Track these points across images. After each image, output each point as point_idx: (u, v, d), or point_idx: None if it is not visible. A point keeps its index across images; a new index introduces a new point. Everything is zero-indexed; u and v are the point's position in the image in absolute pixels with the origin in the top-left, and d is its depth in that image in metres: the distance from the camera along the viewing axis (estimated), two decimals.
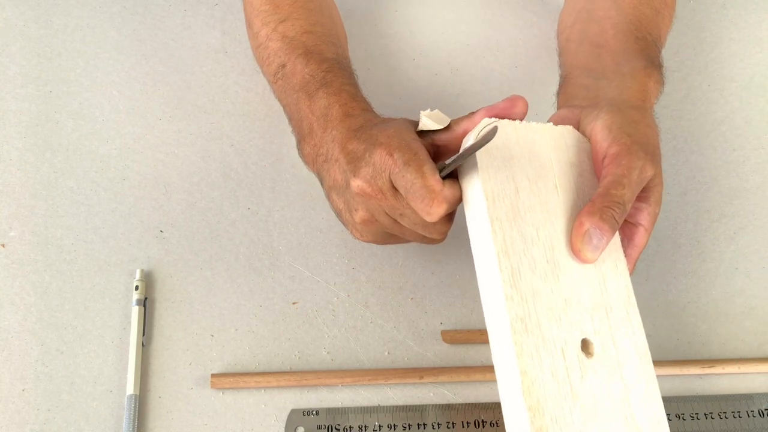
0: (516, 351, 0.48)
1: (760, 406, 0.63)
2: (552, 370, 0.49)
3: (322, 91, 0.63)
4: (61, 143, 0.75)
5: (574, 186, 0.55)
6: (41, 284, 0.66)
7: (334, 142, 0.59)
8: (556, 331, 0.50)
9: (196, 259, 0.69)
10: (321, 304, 0.67)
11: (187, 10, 0.86)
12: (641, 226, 0.57)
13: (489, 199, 0.52)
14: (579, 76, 0.67)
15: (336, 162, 0.58)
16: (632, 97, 0.62)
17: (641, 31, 0.69)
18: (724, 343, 0.68)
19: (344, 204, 0.60)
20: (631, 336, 0.53)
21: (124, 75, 0.80)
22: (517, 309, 0.49)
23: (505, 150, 0.54)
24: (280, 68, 0.68)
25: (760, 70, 0.86)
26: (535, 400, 0.47)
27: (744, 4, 0.92)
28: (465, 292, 0.68)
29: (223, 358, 0.64)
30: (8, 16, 0.84)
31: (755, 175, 0.78)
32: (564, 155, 0.56)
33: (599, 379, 0.50)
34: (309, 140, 0.63)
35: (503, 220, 0.52)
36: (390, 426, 0.61)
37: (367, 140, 0.56)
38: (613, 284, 0.54)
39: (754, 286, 0.71)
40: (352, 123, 0.60)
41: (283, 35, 0.69)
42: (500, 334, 0.50)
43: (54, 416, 0.60)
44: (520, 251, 0.51)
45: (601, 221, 0.52)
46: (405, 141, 0.54)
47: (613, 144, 0.55)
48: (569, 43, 0.73)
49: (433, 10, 0.89)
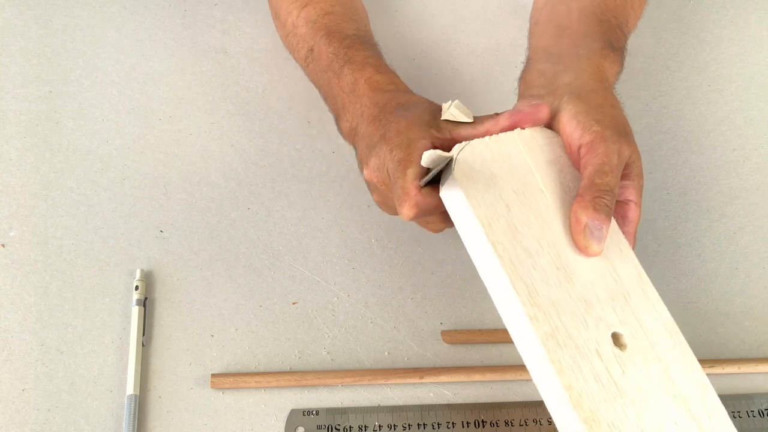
0: (556, 369, 0.48)
1: (760, 406, 0.63)
2: (594, 376, 0.48)
3: (346, 67, 0.66)
4: (61, 143, 0.75)
5: (558, 183, 0.55)
6: (41, 284, 0.66)
7: (363, 117, 0.62)
8: (585, 335, 0.50)
9: (196, 259, 0.69)
10: (321, 304, 0.67)
11: (187, 10, 0.86)
12: (631, 202, 0.57)
13: (485, 225, 0.52)
14: (538, 61, 0.67)
15: (363, 138, 0.61)
16: (588, 80, 0.62)
17: (606, 14, 0.69)
18: (724, 343, 0.68)
19: (366, 182, 0.62)
20: (653, 313, 0.52)
21: (124, 75, 0.80)
22: (543, 327, 0.49)
23: (485, 171, 0.54)
24: (309, 53, 0.71)
25: (760, 70, 0.86)
26: (587, 412, 0.47)
27: (744, 4, 0.92)
28: (465, 292, 0.68)
29: (223, 358, 0.64)
30: (8, 16, 0.84)
31: (755, 175, 0.78)
32: (540, 156, 0.56)
33: (638, 367, 0.50)
34: (344, 116, 0.66)
35: (504, 242, 0.51)
36: (390, 426, 0.61)
37: (383, 126, 0.59)
38: (623, 269, 0.53)
39: (754, 286, 0.71)
40: (380, 98, 0.62)
41: (306, 19, 0.72)
42: (534, 355, 0.49)
43: (54, 416, 0.60)
44: (529, 267, 0.51)
45: (595, 212, 0.52)
46: (409, 139, 0.56)
47: (585, 133, 0.55)
48: (537, 26, 0.73)
49: (433, 10, 0.89)
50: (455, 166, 0.53)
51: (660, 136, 0.80)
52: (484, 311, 0.67)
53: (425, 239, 0.71)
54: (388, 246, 0.71)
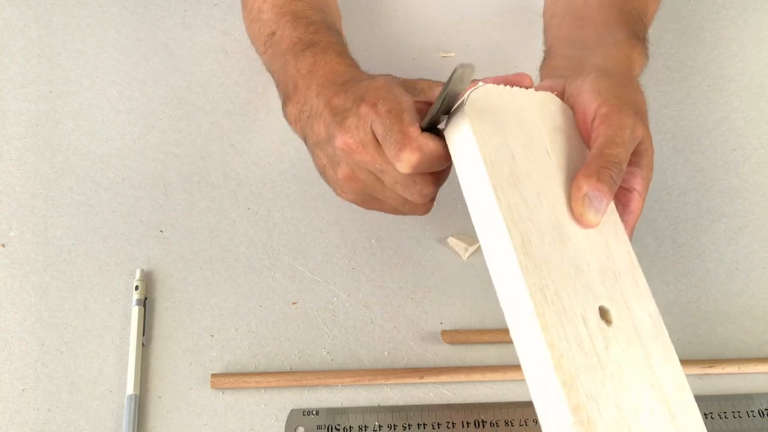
0: (540, 324, 0.45)
1: (760, 406, 0.63)
2: (578, 342, 0.46)
3: (308, 50, 0.63)
4: (61, 143, 0.75)
5: (564, 151, 0.53)
6: (41, 284, 0.66)
7: (319, 97, 0.58)
8: (573, 299, 0.47)
9: (196, 259, 0.69)
10: (321, 304, 0.67)
11: (187, 10, 0.86)
12: (635, 191, 0.55)
13: (488, 165, 0.49)
14: (561, 48, 0.66)
15: (320, 116, 0.57)
16: (617, 65, 0.61)
17: (626, 4, 0.68)
18: (724, 343, 0.68)
19: (327, 159, 0.58)
20: (641, 301, 0.51)
21: (124, 75, 0.80)
22: (534, 279, 0.46)
23: (495, 115, 0.52)
24: (269, 37, 0.69)
25: (760, 70, 0.86)
26: (567, 375, 0.45)
27: (744, 4, 0.92)
28: (465, 292, 0.68)
29: (223, 358, 0.64)
30: (8, 16, 0.84)
31: (755, 175, 0.78)
32: (550, 121, 0.54)
33: (621, 347, 0.48)
34: (293, 98, 0.62)
35: (505, 187, 0.49)
36: (390, 426, 0.61)
37: (354, 93, 0.55)
38: (616, 249, 0.52)
39: (754, 286, 0.71)
40: (338, 78, 0.59)
41: (273, 4, 0.70)
42: (520, 308, 0.47)
43: (54, 416, 0.60)
44: (526, 218, 0.49)
45: (599, 182, 0.50)
46: (392, 93, 0.53)
47: (603, 105, 0.54)
48: (553, 19, 0.71)
49: (433, 10, 0.89)
50: (467, 100, 0.50)
51: (660, 136, 0.80)
52: (484, 311, 0.67)
53: (425, 239, 0.71)
54: (388, 246, 0.71)
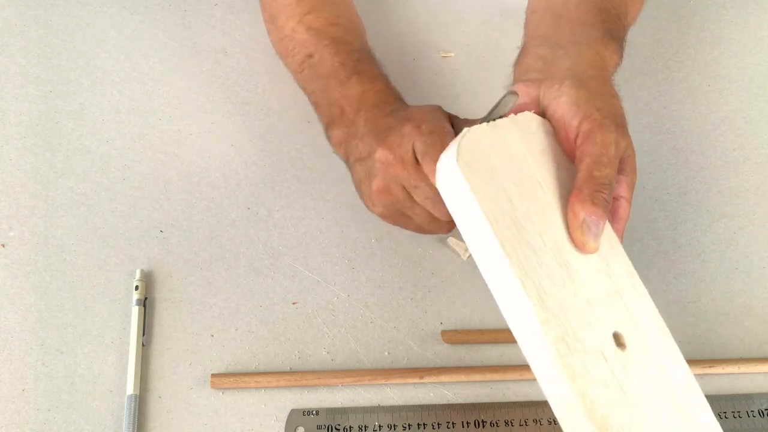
0: (568, 375, 0.46)
1: (760, 406, 0.63)
2: (602, 380, 0.47)
3: (355, 78, 0.67)
4: (61, 143, 0.75)
5: (554, 175, 0.53)
6: (41, 284, 0.66)
7: (367, 123, 0.63)
8: (591, 337, 0.48)
9: (196, 259, 0.69)
10: (321, 304, 0.67)
11: (187, 10, 0.86)
12: (622, 198, 0.55)
13: (492, 221, 0.49)
14: (535, 46, 0.66)
15: (364, 136, 0.62)
16: (589, 67, 0.61)
17: (605, 3, 0.68)
18: (724, 343, 0.68)
19: (365, 172, 0.62)
20: (643, 307, 0.51)
21: (124, 75, 0.80)
22: (555, 330, 0.47)
23: (485, 160, 0.51)
24: (306, 58, 0.71)
25: (760, 70, 0.86)
26: (599, 419, 0.45)
27: (744, 4, 0.92)
28: (465, 292, 0.68)
29: (223, 358, 0.64)
30: (8, 16, 0.84)
31: (755, 175, 0.78)
32: (534, 145, 0.54)
33: (637, 367, 0.48)
34: (339, 123, 0.66)
35: (512, 241, 0.48)
36: (390, 426, 0.61)
37: (400, 115, 0.61)
38: (615, 265, 0.52)
39: (754, 286, 0.71)
40: (387, 106, 0.64)
41: (309, 27, 0.72)
42: (544, 360, 0.47)
43: (54, 416, 0.60)
44: (536, 266, 0.49)
45: (593, 206, 0.50)
46: (437, 117, 0.58)
47: (584, 121, 0.54)
48: (533, 14, 0.71)
49: (433, 10, 0.89)
50: (458, 155, 0.51)
51: (660, 136, 0.80)
52: (484, 311, 0.67)
53: (425, 239, 0.71)
54: (388, 246, 0.71)
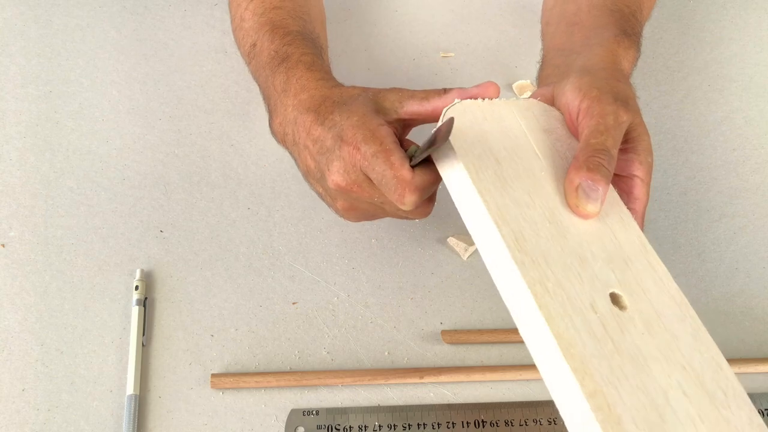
0: (544, 315, 0.45)
1: (760, 406, 0.63)
2: (588, 329, 0.45)
3: (282, 66, 0.64)
4: (61, 143, 0.75)
5: (555, 150, 0.53)
6: (41, 284, 0.66)
7: (297, 125, 0.59)
8: (578, 287, 0.47)
9: (196, 259, 0.69)
10: (321, 304, 0.67)
11: (187, 10, 0.86)
12: (636, 177, 0.55)
13: (471, 171, 0.49)
14: (553, 58, 0.67)
15: (306, 149, 0.58)
16: (599, 61, 0.61)
17: (617, 3, 0.69)
18: (724, 343, 0.67)
19: (324, 192, 0.60)
20: (660, 285, 0.50)
21: (124, 75, 0.80)
22: (531, 273, 0.46)
23: (475, 126, 0.52)
24: (251, 48, 0.69)
25: (760, 70, 0.86)
26: (578, 362, 0.43)
27: (744, 4, 0.92)
28: (465, 292, 0.68)
29: (223, 358, 0.64)
30: (8, 16, 0.84)
31: (755, 175, 0.78)
32: (535, 124, 0.54)
33: (640, 330, 0.47)
34: (275, 117, 0.64)
35: (491, 190, 0.49)
36: (390, 426, 0.61)
37: (331, 129, 0.56)
38: (624, 237, 0.51)
39: (754, 286, 0.71)
40: (309, 101, 0.59)
41: (254, 12, 0.70)
42: (523, 304, 0.46)
43: (54, 416, 0.60)
44: (517, 215, 0.48)
45: (589, 171, 0.50)
46: (370, 131, 0.54)
47: (584, 99, 0.54)
48: (548, 26, 0.73)
49: (433, 10, 0.89)
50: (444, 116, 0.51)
51: (660, 136, 0.80)
52: (484, 311, 0.67)
53: (425, 239, 0.71)
54: (388, 246, 0.71)
